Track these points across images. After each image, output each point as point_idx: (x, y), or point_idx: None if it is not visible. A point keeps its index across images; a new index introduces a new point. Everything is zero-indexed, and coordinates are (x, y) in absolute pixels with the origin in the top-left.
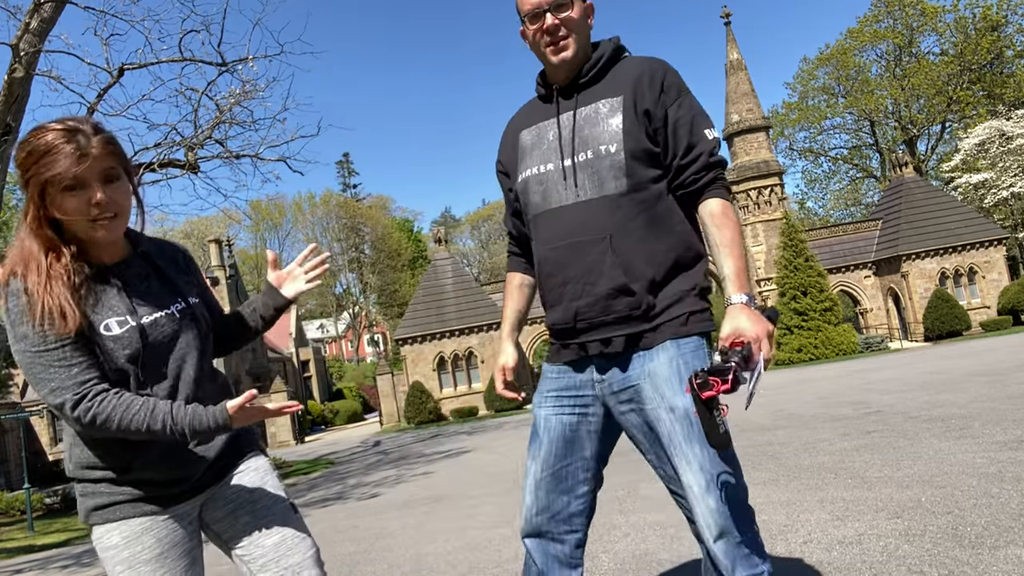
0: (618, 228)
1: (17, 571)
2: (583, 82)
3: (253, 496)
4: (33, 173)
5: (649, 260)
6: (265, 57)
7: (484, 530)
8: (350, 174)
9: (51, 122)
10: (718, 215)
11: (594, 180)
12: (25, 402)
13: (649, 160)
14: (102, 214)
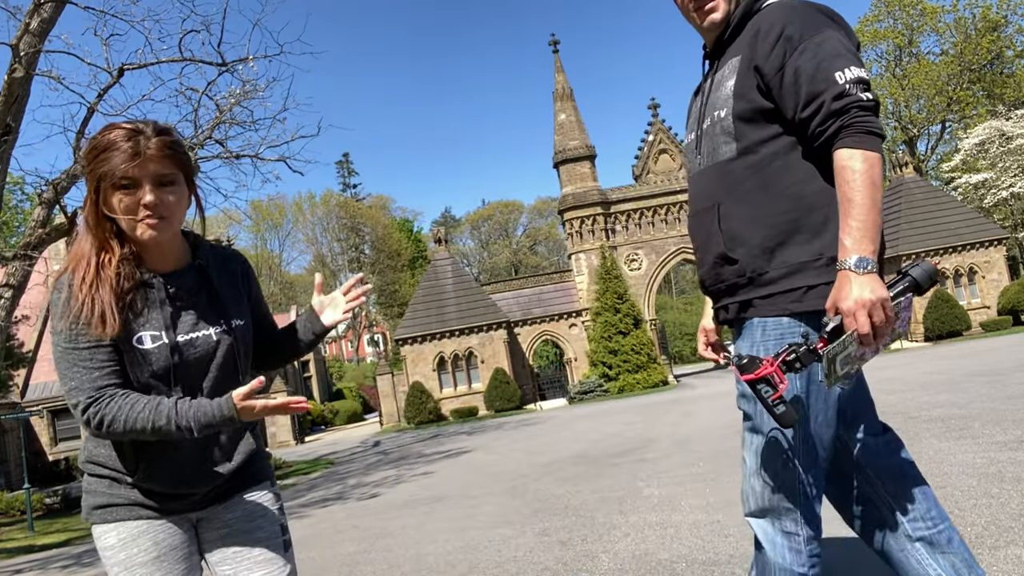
0: (727, 194)
1: (17, 571)
2: (722, 44)
3: (248, 527)
4: (92, 167)
5: (758, 225)
6: (265, 57)
7: (484, 530)
8: (350, 174)
9: (122, 122)
10: (838, 169)
11: (710, 148)
12: (25, 402)
13: (763, 119)
14: (150, 215)
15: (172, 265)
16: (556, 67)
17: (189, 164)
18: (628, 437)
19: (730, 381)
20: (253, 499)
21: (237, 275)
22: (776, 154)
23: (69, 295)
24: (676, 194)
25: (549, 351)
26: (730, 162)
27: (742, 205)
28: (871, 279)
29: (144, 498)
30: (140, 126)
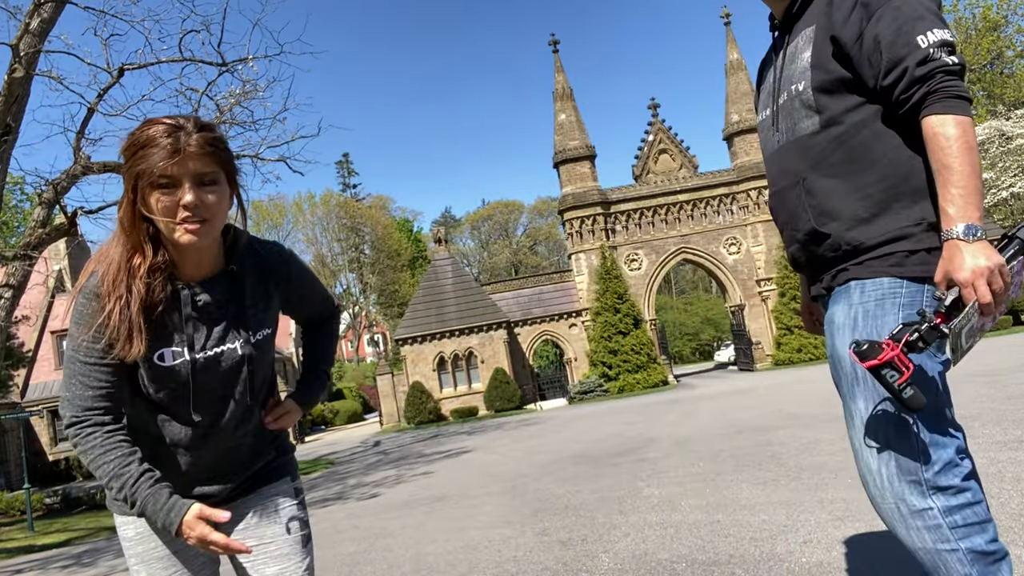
0: (812, 169)
1: (17, 571)
2: (793, 13)
3: (267, 520)
4: (130, 164)
5: (851, 197)
6: (265, 57)
7: (484, 530)
8: (350, 174)
9: (163, 116)
10: (928, 138)
11: (788, 123)
12: (25, 402)
13: (845, 88)
14: (190, 217)
15: (205, 271)
16: (556, 67)
17: (232, 162)
18: (628, 437)
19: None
20: (273, 493)
21: (278, 275)
22: (862, 123)
23: (96, 307)
24: (676, 194)
25: (549, 351)
26: (813, 136)
27: (830, 179)
28: (982, 246)
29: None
30: (181, 121)
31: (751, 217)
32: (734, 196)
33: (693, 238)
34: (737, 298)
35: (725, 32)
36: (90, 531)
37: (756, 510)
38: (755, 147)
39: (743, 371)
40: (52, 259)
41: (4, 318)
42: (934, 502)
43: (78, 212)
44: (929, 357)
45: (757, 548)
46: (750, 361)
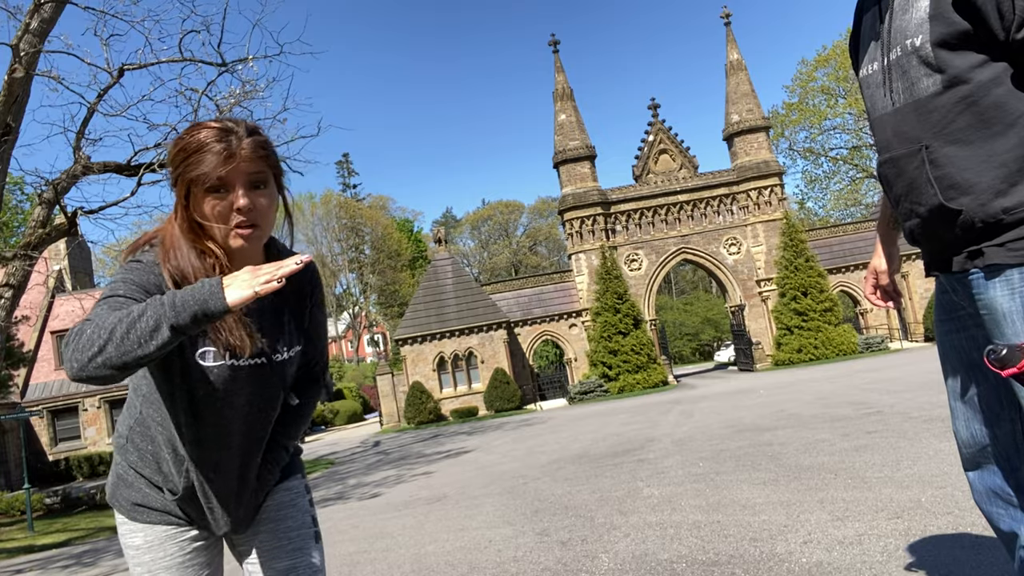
0: (936, 135)
1: (18, 571)
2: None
3: (277, 516)
4: (181, 171)
5: (985, 166)
6: (265, 57)
7: (484, 530)
8: (350, 174)
9: (210, 120)
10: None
11: (905, 82)
12: (25, 402)
13: (969, 41)
14: (244, 221)
15: None
16: (556, 67)
17: (279, 165)
18: (628, 437)
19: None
20: (287, 489)
21: (305, 291)
22: (994, 81)
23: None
24: (676, 194)
25: (549, 351)
26: (935, 97)
27: (958, 146)
28: None
29: (178, 509)
30: (231, 125)
31: (751, 217)
32: (734, 196)
33: (693, 238)
34: (737, 298)
35: (725, 32)
36: (90, 531)
37: (756, 510)
38: (755, 147)
39: (743, 371)
40: (52, 259)
41: (4, 318)
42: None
43: (78, 212)
44: None
45: (757, 548)
46: (750, 361)
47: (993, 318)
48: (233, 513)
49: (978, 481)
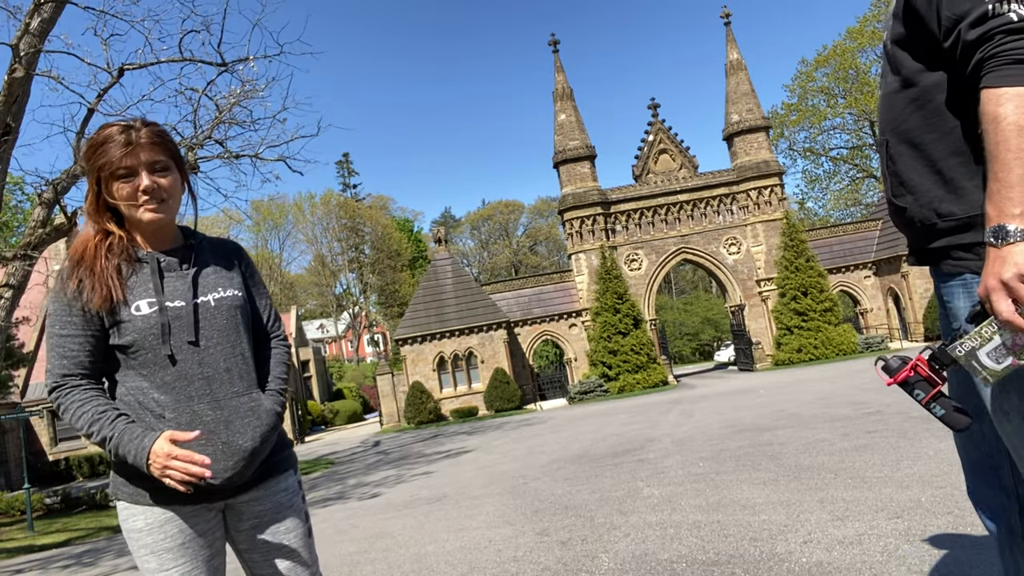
0: (893, 131)
1: (18, 571)
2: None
3: (277, 518)
4: (92, 161)
5: (925, 170)
6: (265, 57)
7: (484, 530)
8: (350, 174)
9: (113, 121)
10: (983, 115)
11: (883, 74)
12: (25, 402)
13: (916, 48)
14: (149, 200)
15: (167, 245)
16: (556, 67)
17: (178, 152)
18: (628, 437)
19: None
20: (281, 491)
21: (231, 257)
22: (938, 85)
23: (68, 282)
24: (676, 194)
25: (549, 351)
26: (895, 94)
27: (906, 145)
28: (1012, 252)
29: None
30: (131, 121)
31: (751, 217)
32: (734, 196)
33: (693, 238)
34: (737, 298)
35: (725, 32)
36: (90, 531)
37: (756, 510)
38: (755, 147)
39: (743, 371)
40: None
41: (4, 318)
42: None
43: (78, 212)
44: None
45: (757, 548)
46: (750, 361)
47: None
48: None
49: (970, 478)
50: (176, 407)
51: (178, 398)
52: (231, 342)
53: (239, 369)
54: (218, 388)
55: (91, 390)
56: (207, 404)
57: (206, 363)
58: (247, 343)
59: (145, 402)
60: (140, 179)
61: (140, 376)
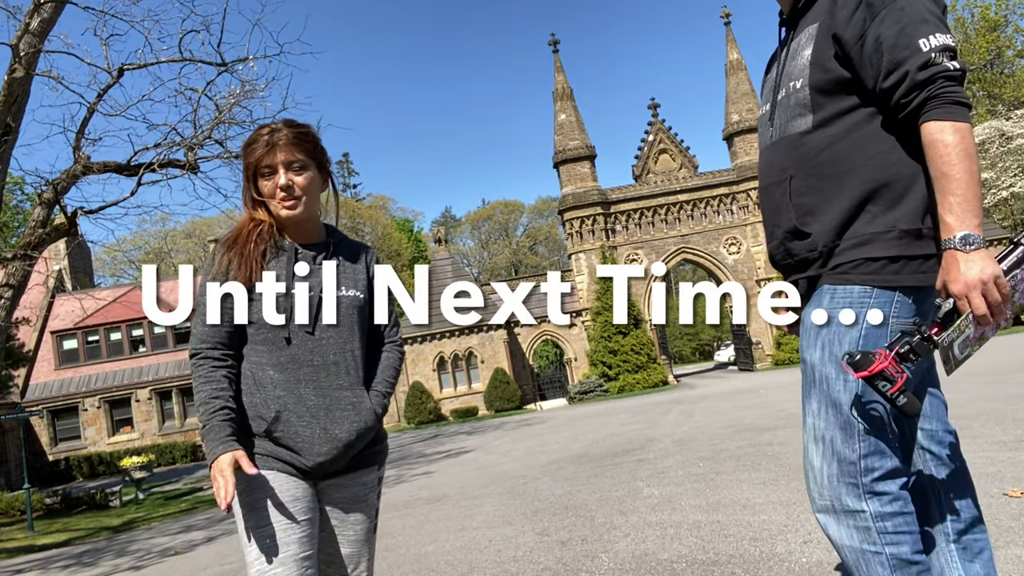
0: (799, 167)
1: (18, 571)
2: (799, 9)
3: (351, 508)
4: (245, 160)
5: (834, 199)
6: (264, 57)
7: (484, 530)
8: (350, 174)
9: (267, 123)
10: (927, 145)
11: (784, 119)
12: (25, 402)
13: (842, 89)
14: (286, 196)
15: (305, 239)
16: (556, 67)
17: (320, 152)
18: (628, 437)
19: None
20: (361, 484)
21: (362, 258)
22: (855, 126)
23: (216, 254)
24: (676, 194)
25: (549, 351)
26: (804, 135)
27: (815, 178)
28: (980, 256)
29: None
30: (277, 124)
31: (751, 217)
32: (734, 196)
33: (693, 238)
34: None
35: (725, 32)
36: (90, 531)
37: (756, 510)
38: (755, 147)
39: (743, 371)
40: (52, 259)
41: (4, 318)
42: (868, 505)
43: (78, 212)
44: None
45: (757, 548)
46: (750, 361)
47: (804, 330)
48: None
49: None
50: (286, 386)
51: (288, 378)
52: (343, 338)
53: (347, 364)
54: (324, 378)
55: (219, 365)
56: (312, 390)
57: (317, 352)
58: (359, 342)
59: (261, 378)
60: (278, 177)
61: (261, 352)
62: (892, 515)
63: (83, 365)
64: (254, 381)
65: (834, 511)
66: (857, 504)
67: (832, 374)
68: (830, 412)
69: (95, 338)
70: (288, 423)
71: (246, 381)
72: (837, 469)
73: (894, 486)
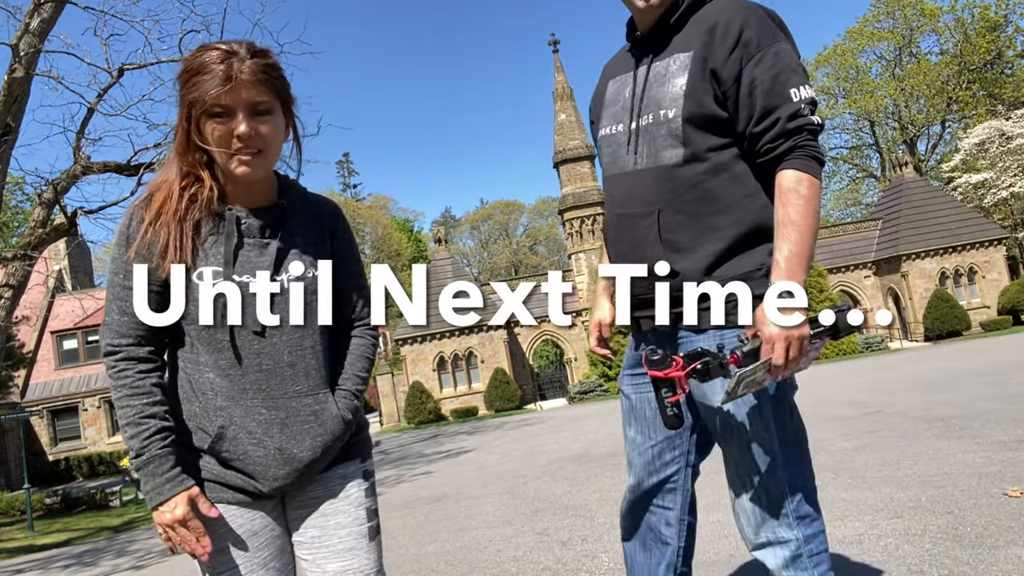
0: (669, 203)
1: (18, 571)
2: (663, 31)
3: (329, 510)
4: (183, 92)
5: (703, 237)
6: None
7: (484, 530)
8: (350, 174)
9: (218, 41)
10: (783, 190)
11: (651, 147)
12: (25, 402)
13: (713, 127)
14: (244, 148)
15: (255, 202)
16: (556, 67)
17: (288, 90)
18: None
19: None
20: (340, 476)
21: (323, 223)
22: (724, 164)
23: (135, 223)
24: None
25: (549, 351)
26: (675, 168)
27: (685, 215)
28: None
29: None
30: (234, 47)
31: None
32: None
33: None
34: None
35: None
36: (90, 531)
37: None
38: None
39: None
40: (52, 259)
41: (4, 318)
42: (797, 533)
43: (78, 212)
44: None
45: None
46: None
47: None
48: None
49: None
50: (230, 395)
51: (232, 386)
52: (300, 333)
53: (305, 365)
54: (276, 385)
55: (147, 370)
56: (262, 400)
57: (266, 354)
58: (319, 335)
59: (200, 382)
60: (236, 123)
61: (197, 351)
62: (815, 536)
63: (83, 365)
64: (190, 385)
65: (772, 546)
66: (789, 534)
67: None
68: (754, 448)
69: (95, 338)
70: (236, 440)
71: (181, 385)
72: (767, 503)
73: (812, 506)
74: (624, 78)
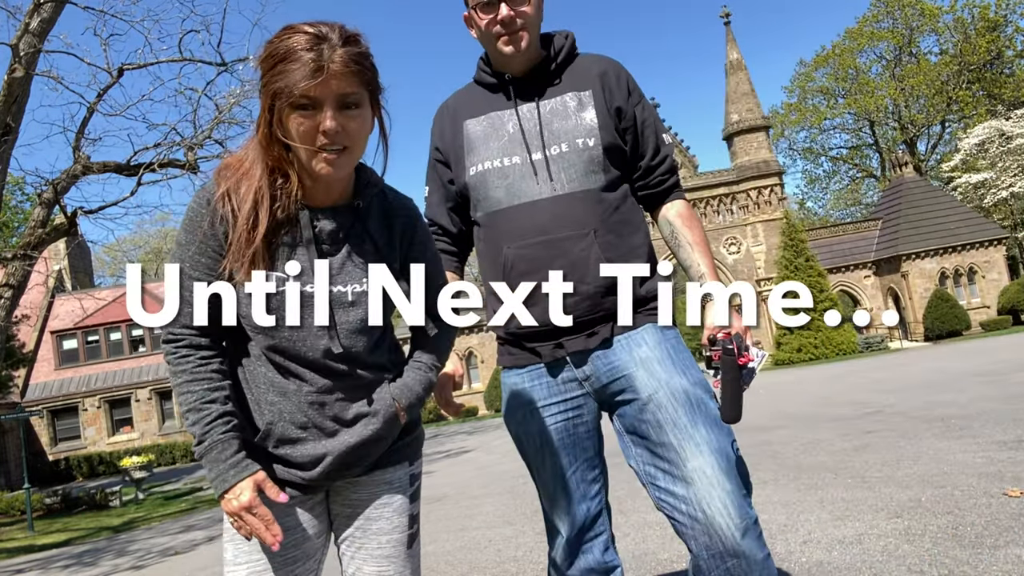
0: (601, 222)
1: (18, 571)
2: (542, 75)
3: (373, 514)
4: (267, 80)
5: (629, 256)
6: None
7: (484, 530)
8: None
9: (305, 23)
10: (686, 215)
11: (571, 174)
12: (25, 402)
13: (618, 157)
14: (330, 145)
15: (330, 201)
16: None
17: (377, 81)
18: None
19: None
20: (387, 481)
21: (396, 229)
22: (626, 192)
23: (209, 215)
24: None
25: None
26: (601, 191)
27: (613, 235)
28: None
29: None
30: (324, 30)
31: (751, 217)
32: (734, 196)
33: None
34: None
35: (725, 32)
36: (91, 531)
37: (756, 510)
38: (755, 147)
39: None
40: (52, 259)
41: (4, 318)
42: (753, 511)
43: (78, 212)
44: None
45: None
46: None
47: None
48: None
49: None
50: (283, 391)
51: (285, 380)
52: (357, 337)
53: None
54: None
55: (209, 360)
56: (314, 398)
57: (318, 367)
58: (379, 339)
59: (254, 376)
60: (323, 117)
61: (254, 345)
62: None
63: (83, 365)
64: (244, 376)
65: (750, 528)
66: (753, 513)
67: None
68: (724, 434)
69: (95, 338)
70: (284, 435)
71: (238, 376)
72: (743, 487)
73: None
74: (496, 116)
